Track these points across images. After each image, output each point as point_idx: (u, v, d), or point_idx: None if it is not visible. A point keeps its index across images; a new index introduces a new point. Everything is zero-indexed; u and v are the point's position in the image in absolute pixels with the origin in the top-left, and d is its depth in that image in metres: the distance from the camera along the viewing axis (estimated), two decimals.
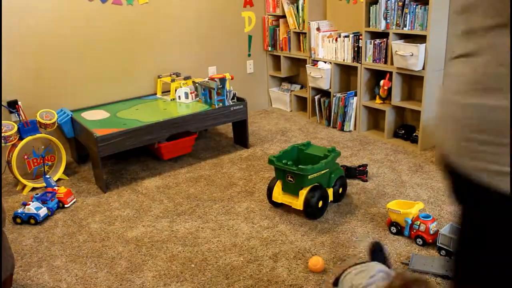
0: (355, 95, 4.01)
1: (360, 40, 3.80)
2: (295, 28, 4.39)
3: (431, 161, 3.36)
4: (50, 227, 2.69)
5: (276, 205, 2.79)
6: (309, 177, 2.55)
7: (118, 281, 2.17)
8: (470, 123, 0.80)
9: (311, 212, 2.59)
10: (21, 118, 3.16)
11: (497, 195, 0.77)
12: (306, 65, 4.25)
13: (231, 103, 3.58)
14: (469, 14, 0.81)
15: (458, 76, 0.84)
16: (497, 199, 0.77)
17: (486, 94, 0.77)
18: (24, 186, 3.17)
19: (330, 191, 2.73)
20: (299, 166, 2.54)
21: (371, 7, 3.63)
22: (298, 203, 2.60)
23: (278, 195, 2.72)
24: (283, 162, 2.62)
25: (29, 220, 2.70)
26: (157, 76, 4.02)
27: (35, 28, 3.32)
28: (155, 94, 4.02)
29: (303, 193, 2.59)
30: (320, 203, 2.61)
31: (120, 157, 3.71)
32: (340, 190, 2.80)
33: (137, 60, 3.89)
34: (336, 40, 4.00)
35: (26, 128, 3.12)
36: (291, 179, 2.63)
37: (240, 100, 3.67)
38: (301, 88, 4.75)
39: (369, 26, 3.69)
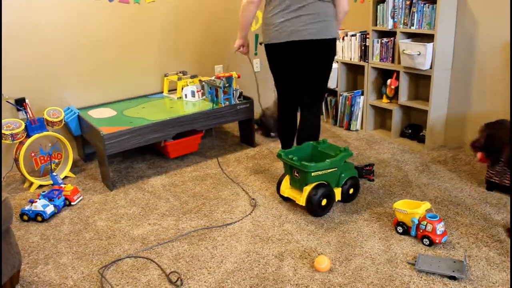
0: (362, 94, 3.99)
1: (367, 39, 3.78)
2: None
3: (438, 161, 3.34)
4: (57, 224, 2.70)
5: (284, 198, 2.84)
6: (312, 174, 2.55)
7: (124, 279, 2.18)
8: None
9: (312, 208, 2.59)
10: (28, 116, 3.18)
11: None
12: None
13: (238, 102, 3.58)
14: None
15: None
16: None
17: None
18: (31, 183, 3.19)
19: (338, 191, 2.72)
20: (302, 162, 2.54)
21: (378, 6, 3.61)
22: (301, 198, 2.62)
23: (286, 189, 2.76)
24: (289, 157, 2.63)
25: (36, 217, 2.71)
26: (163, 75, 4.03)
27: (42, 26, 3.34)
28: (162, 92, 4.03)
29: (307, 189, 2.60)
30: (324, 201, 2.61)
31: (127, 155, 3.72)
32: (351, 191, 2.78)
33: (143, 59, 3.90)
34: (343, 39, 3.99)
35: (34, 126, 3.14)
36: (297, 174, 2.64)
37: (247, 98, 3.67)
38: None
39: (376, 25, 3.67)
